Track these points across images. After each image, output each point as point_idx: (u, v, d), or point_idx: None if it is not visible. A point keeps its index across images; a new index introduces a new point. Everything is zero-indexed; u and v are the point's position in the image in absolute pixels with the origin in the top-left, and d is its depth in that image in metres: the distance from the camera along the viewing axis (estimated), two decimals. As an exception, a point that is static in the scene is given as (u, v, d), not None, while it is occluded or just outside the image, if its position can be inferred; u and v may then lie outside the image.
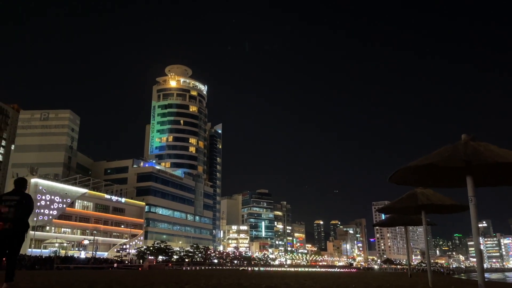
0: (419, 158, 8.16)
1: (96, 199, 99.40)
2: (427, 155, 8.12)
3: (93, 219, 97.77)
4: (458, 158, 7.54)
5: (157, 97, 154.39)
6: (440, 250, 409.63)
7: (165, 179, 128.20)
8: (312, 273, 37.01)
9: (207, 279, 17.21)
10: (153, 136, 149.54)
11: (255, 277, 20.58)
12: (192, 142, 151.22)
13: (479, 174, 8.12)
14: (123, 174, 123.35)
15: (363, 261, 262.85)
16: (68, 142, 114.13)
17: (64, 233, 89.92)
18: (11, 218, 8.42)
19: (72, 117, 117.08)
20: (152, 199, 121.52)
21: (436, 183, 9.75)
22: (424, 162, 7.82)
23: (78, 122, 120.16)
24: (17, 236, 8.60)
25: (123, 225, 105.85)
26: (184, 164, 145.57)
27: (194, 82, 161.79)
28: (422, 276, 27.35)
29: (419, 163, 7.93)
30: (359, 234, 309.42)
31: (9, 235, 8.45)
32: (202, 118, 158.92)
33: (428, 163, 7.76)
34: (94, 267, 57.23)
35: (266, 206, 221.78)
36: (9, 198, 8.70)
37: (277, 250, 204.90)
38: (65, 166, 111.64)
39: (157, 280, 16.17)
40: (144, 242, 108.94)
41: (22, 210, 8.61)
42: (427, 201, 12.80)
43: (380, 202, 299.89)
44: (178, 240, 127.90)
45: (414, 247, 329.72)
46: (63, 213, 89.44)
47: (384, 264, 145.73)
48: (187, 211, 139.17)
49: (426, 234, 15.41)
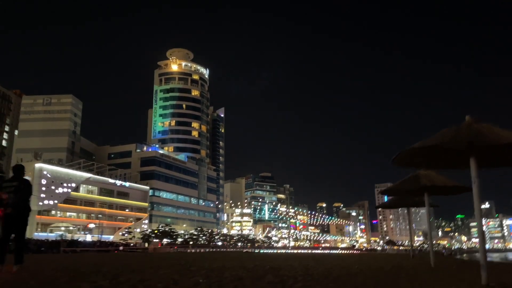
0: (422, 140, 8.16)
1: (100, 183, 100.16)
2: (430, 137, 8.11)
3: (98, 203, 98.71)
4: (462, 140, 7.54)
5: (159, 81, 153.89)
6: (442, 231, 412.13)
7: (168, 163, 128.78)
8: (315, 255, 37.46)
9: (211, 261, 17.47)
10: (156, 120, 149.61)
11: (258, 259, 20.87)
12: (194, 126, 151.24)
13: (483, 156, 8.13)
14: (126, 158, 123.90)
15: (365, 243, 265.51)
16: (71, 127, 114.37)
17: (69, 217, 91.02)
18: (11, 204, 8.84)
19: (74, 102, 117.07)
20: (156, 183, 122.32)
21: (439, 165, 9.77)
22: (427, 144, 7.82)
23: (80, 107, 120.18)
24: (19, 220, 8.97)
25: (128, 209, 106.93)
26: (187, 148, 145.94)
27: (195, 66, 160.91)
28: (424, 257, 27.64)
29: (422, 144, 7.93)
30: (362, 216, 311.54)
31: (12, 220, 8.88)
32: (204, 102, 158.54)
33: (431, 145, 7.76)
34: (100, 250, 58.02)
35: (269, 189, 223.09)
36: (8, 184, 9.13)
37: (280, 233, 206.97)
38: (69, 151, 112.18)
39: (163, 262, 16.43)
40: (149, 226, 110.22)
41: (20, 195, 8.99)
42: (430, 182, 12.85)
43: (383, 184, 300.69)
44: (183, 223, 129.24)
45: (416, 228, 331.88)
46: (68, 197, 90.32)
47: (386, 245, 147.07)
48: (191, 195, 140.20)
49: (429, 215, 15.51)
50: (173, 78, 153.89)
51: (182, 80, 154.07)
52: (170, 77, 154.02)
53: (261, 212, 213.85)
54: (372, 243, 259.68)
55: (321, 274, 10.26)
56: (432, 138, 7.92)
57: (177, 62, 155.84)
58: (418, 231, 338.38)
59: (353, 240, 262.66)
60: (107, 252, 55.06)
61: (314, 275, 9.85)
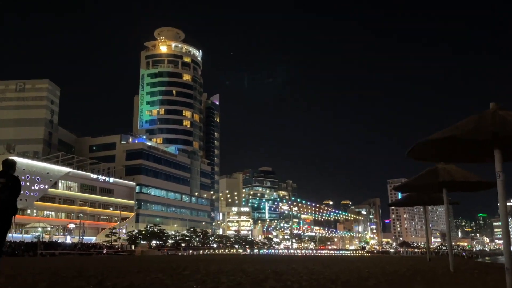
0: (441, 130, 8.18)
1: (81, 179, 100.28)
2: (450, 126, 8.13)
3: (78, 201, 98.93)
4: (485, 130, 7.53)
5: (146, 65, 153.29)
6: (462, 232, 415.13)
7: (157, 157, 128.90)
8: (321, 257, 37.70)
9: (206, 264, 17.60)
10: (143, 108, 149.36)
11: (258, 262, 21.03)
12: (186, 115, 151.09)
13: (508, 147, 8.15)
14: (110, 151, 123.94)
15: (377, 244, 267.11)
16: (48, 115, 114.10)
17: (47, 217, 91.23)
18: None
19: (51, 88, 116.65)
20: (143, 179, 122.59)
21: (460, 158, 9.80)
22: (446, 135, 7.83)
23: (58, 93, 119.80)
24: (4, 221, 8.77)
25: (112, 207, 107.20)
26: (178, 140, 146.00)
27: (187, 47, 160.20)
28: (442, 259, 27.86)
29: (440, 135, 7.94)
30: (373, 215, 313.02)
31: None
32: (197, 88, 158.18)
33: (450, 136, 7.78)
34: (82, 253, 58.36)
35: (269, 186, 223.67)
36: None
37: (282, 233, 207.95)
38: (46, 143, 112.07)
39: (152, 266, 16.55)
40: (136, 226, 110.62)
41: (8, 193, 8.76)
42: (449, 177, 12.90)
43: (397, 179, 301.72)
44: (173, 223, 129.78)
45: (433, 228, 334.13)
46: (45, 194, 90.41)
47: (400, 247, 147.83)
48: (182, 192, 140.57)
49: (447, 214, 15.62)
50: (162, 61, 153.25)
51: (172, 63, 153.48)
52: (158, 59, 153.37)
53: (260, 211, 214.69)
54: (384, 244, 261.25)
55: (328, 278, 10.37)
56: (451, 128, 7.93)
57: (166, 43, 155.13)
58: (436, 231, 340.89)
59: (363, 241, 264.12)
60: (90, 255, 55.38)
61: (320, 280, 9.95)
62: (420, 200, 20.05)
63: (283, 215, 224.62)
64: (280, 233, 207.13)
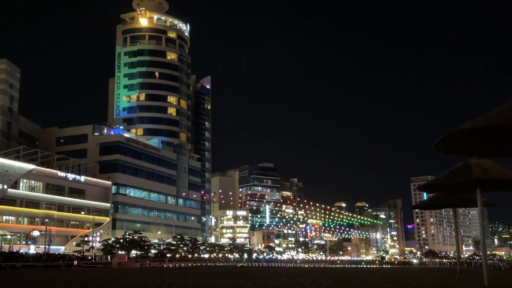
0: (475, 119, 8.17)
1: (46, 177, 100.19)
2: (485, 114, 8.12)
3: (44, 204, 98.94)
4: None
5: (123, 41, 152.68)
6: (499, 239, 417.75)
7: (137, 151, 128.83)
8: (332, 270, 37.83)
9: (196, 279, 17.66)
10: (119, 93, 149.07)
11: (257, 276, 21.09)
12: (171, 101, 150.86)
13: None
14: (81, 144, 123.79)
15: (398, 254, 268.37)
16: (6, 102, 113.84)
17: (6, 223, 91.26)
18: None
19: (10, 69, 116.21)
20: (121, 177, 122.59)
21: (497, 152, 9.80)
22: (481, 124, 7.83)
23: (18, 76, 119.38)
24: None
25: (84, 211, 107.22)
26: (162, 131, 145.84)
27: (172, 20, 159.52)
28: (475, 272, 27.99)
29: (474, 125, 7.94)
30: (393, 219, 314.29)
31: None
32: (184, 69, 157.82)
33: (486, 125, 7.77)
34: (48, 265, 58.46)
35: (271, 185, 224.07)
36: None
37: (286, 241, 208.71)
38: (4, 135, 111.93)
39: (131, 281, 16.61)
40: (112, 233, 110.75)
41: None
42: (484, 175, 12.91)
43: (422, 177, 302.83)
44: (157, 230, 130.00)
45: (465, 235, 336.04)
46: (3, 196, 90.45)
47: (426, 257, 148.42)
48: (167, 192, 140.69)
49: (482, 218, 15.65)
50: (142, 37, 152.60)
51: (154, 39, 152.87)
52: (137, 35, 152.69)
53: (260, 215, 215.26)
54: (407, 254, 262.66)
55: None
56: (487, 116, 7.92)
57: (147, 15, 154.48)
58: (468, 238, 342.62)
59: (382, 251, 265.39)
60: (57, 268, 55.49)
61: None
62: (449, 201, 20.10)
63: (287, 219, 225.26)
64: (283, 241, 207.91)
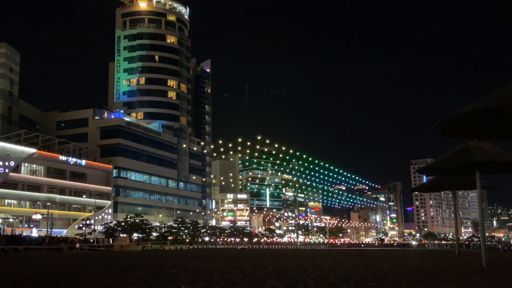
0: (475, 102, 8.15)
1: (48, 161, 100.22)
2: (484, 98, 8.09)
3: (45, 188, 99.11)
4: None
5: (122, 25, 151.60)
6: (498, 221, 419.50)
7: (137, 135, 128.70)
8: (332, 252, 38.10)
9: (197, 261, 17.78)
10: (119, 77, 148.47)
11: (258, 258, 21.23)
12: (171, 84, 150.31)
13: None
14: (81, 128, 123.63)
15: (397, 236, 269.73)
16: (7, 86, 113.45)
17: (8, 206, 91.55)
18: None
19: (9, 53, 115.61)
20: (122, 161, 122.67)
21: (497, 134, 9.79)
22: (481, 107, 7.80)
23: (18, 59, 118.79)
24: None
25: (85, 194, 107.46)
26: (162, 115, 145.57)
27: (171, 3, 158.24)
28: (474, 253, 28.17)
29: (474, 108, 7.91)
30: (393, 202, 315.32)
31: None
32: (184, 53, 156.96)
33: (486, 108, 7.75)
34: (50, 248, 58.84)
35: (271, 168, 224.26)
36: None
37: (286, 224, 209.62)
38: (4, 119, 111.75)
39: (133, 263, 16.72)
40: (114, 216, 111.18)
41: None
42: (484, 157, 12.89)
43: (421, 160, 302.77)
44: (158, 213, 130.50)
45: (464, 217, 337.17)
46: (5, 180, 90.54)
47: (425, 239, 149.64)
48: (168, 176, 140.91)
49: (481, 200, 15.70)
50: (141, 20, 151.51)
51: (154, 23, 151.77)
52: (137, 18, 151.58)
53: (261, 198, 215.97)
54: (406, 236, 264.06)
55: (339, 276, 10.46)
56: (487, 99, 7.89)
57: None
58: (467, 220, 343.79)
59: (381, 233, 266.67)
60: (60, 250, 55.86)
61: (330, 279, 10.04)
62: (448, 184, 20.15)
63: (287, 202, 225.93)
64: (283, 223, 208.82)
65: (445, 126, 8.71)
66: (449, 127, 8.82)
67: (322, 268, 13.31)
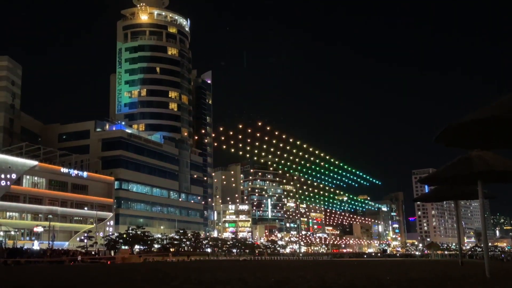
0: (476, 110, 8.15)
1: (49, 173, 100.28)
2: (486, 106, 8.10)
3: (47, 200, 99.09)
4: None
5: (124, 37, 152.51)
6: (501, 231, 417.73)
7: (139, 146, 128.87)
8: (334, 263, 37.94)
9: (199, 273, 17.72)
10: (121, 89, 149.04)
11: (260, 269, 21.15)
12: (172, 96, 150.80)
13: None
14: (83, 140, 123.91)
15: (400, 246, 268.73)
16: (8, 99, 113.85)
17: (10, 219, 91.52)
18: None
19: (11, 66, 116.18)
20: (123, 173, 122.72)
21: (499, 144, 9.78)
22: (484, 115, 7.81)
23: (19, 72, 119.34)
24: None
25: (87, 206, 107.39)
26: (163, 126, 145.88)
27: (172, 15, 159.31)
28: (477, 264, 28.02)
29: (475, 116, 7.92)
30: (395, 212, 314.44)
31: None
32: (185, 64, 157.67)
33: (488, 117, 7.75)
34: (52, 261, 58.66)
35: (272, 179, 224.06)
36: None
37: (288, 235, 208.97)
38: (6, 131, 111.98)
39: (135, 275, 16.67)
40: (115, 228, 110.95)
41: None
42: (486, 167, 12.88)
43: (423, 170, 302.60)
44: (159, 225, 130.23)
45: (466, 227, 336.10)
46: (7, 192, 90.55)
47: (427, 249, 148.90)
48: (169, 187, 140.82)
49: (483, 210, 15.64)
50: (143, 32, 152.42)
51: (155, 35, 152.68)
52: (138, 30, 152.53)
53: (262, 209, 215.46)
54: (409, 246, 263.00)
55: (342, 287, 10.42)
56: (488, 108, 7.90)
57: (147, 10, 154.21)
58: (469, 230, 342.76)
59: (384, 244, 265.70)
60: (61, 263, 55.68)
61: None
62: (450, 194, 20.09)
63: (288, 213, 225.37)
64: (286, 234, 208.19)
65: (446, 136, 8.71)
66: (450, 136, 8.82)
67: (324, 279, 13.26)
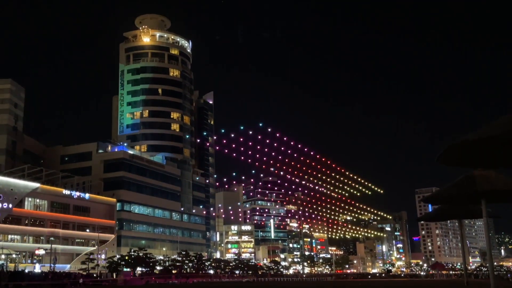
0: (478, 130, 8.15)
1: (51, 195, 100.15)
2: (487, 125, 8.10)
3: (49, 222, 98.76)
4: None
5: (126, 59, 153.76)
6: (506, 250, 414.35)
7: (141, 167, 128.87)
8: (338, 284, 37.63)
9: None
10: (123, 110, 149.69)
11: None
12: (174, 117, 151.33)
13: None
14: (85, 162, 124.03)
15: (404, 267, 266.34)
16: (11, 121, 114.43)
17: (11, 241, 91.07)
18: None
19: (14, 89, 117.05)
20: (125, 194, 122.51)
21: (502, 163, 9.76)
22: (484, 135, 7.81)
23: (22, 95, 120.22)
24: None
25: (89, 228, 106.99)
26: (166, 147, 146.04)
27: (174, 37, 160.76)
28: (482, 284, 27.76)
29: (477, 136, 7.92)
30: (399, 231, 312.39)
31: None
32: (187, 85, 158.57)
33: (489, 136, 7.75)
34: (54, 284, 58.26)
35: (275, 199, 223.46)
36: None
37: (291, 256, 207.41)
38: (9, 154, 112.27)
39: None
40: (117, 250, 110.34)
41: None
42: (489, 186, 12.85)
43: (426, 189, 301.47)
44: (162, 246, 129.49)
45: (471, 246, 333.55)
46: (9, 215, 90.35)
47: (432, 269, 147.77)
48: (171, 208, 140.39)
49: (487, 229, 15.55)
50: (145, 54, 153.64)
51: (157, 56, 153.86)
52: (140, 52, 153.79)
53: (265, 229, 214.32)
54: (413, 266, 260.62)
55: (347, 310, 10.31)
56: (491, 127, 7.90)
57: (149, 32, 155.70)
58: (474, 249, 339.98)
59: (388, 264, 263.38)
60: (63, 286, 55.35)
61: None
62: (454, 213, 19.98)
63: (292, 234, 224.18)
64: (289, 255, 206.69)
65: (448, 155, 8.71)
66: (452, 156, 8.81)
67: (328, 301, 13.18)
